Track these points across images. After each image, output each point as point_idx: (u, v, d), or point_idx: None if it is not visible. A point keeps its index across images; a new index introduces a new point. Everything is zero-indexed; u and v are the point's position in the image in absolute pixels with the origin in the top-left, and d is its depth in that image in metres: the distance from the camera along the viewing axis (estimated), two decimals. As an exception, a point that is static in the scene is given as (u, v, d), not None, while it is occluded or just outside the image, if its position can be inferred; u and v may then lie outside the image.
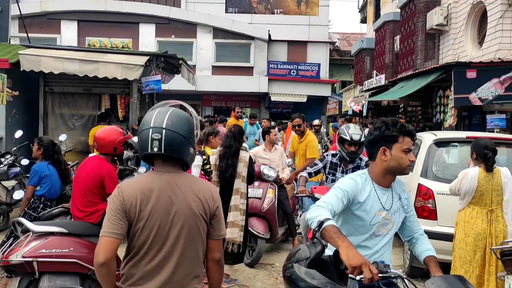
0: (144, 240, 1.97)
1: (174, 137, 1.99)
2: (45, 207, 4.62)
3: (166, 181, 2.01)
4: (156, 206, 1.97)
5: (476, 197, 3.96)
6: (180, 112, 2.09)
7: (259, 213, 5.61)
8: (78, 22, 19.38)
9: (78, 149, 8.07)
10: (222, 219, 2.12)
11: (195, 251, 2.04)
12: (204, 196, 2.05)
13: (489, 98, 8.50)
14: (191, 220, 2.00)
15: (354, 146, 4.41)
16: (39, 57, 7.26)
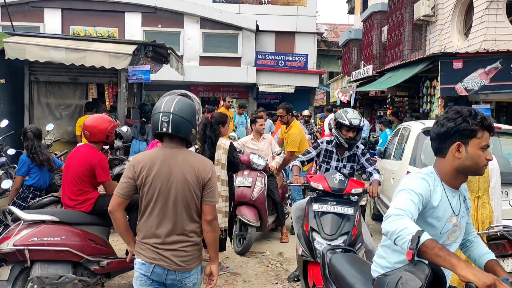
0: (149, 200, 2.49)
1: (179, 120, 2.48)
2: (35, 197, 4.57)
3: (168, 154, 2.52)
4: (158, 174, 2.47)
5: None
6: (185, 100, 2.59)
7: (248, 202, 5.66)
8: (62, 10, 19.01)
9: (65, 139, 7.97)
10: (213, 188, 2.55)
11: (189, 212, 2.51)
12: (197, 168, 2.51)
13: (475, 88, 8.63)
14: (185, 187, 2.48)
15: (352, 131, 4.19)
16: (24, 45, 7.13)
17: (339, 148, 4.37)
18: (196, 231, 2.55)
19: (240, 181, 5.75)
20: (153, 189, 2.47)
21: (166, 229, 2.47)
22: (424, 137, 5.23)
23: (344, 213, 3.77)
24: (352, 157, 4.38)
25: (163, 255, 2.46)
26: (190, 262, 2.50)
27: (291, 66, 20.49)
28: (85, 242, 3.76)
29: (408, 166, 5.14)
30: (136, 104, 9.83)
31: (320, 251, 3.51)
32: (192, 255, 2.52)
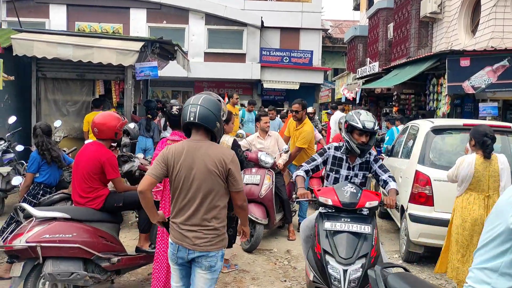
0: (176, 187, 2.81)
1: (205, 111, 2.77)
2: (45, 194, 4.59)
3: (192, 146, 2.80)
4: (183, 163, 2.77)
5: (473, 183, 4.03)
6: (211, 96, 2.88)
7: (256, 199, 5.66)
8: (67, 6, 19.02)
9: (72, 135, 7.98)
10: (236, 177, 2.80)
11: (211, 199, 2.76)
12: (218, 158, 2.76)
13: (482, 86, 8.59)
14: (207, 176, 2.74)
15: (365, 135, 3.66)
16: (32, 41, 7.13)
17: (349, 155, 3.83)
18: (217, 216, 2.80)
19: (248, 179, 5.74)
20: (179, 178, 2.78)
21: (188, 213, 2.77)
22: (433, 135, 5.21)
23: (361, 232, 3.36)
24: (364, 165, 3.85)
25: (185, 235, 2.77)
26: (208, 244, 2.76)
27: (296, 62, 20.44)
28: (96, 239, 3.78)
29: (417, 164, 5.13)
30: (142, 100, 9.84)
31: (335, 276, 3.21)
32: (210, 239, 2.77)
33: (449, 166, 4.79)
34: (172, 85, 20.78)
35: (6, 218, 4.79)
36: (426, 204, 4.92)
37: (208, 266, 2.78)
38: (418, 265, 5.30)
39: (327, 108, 21.24)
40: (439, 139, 5.25)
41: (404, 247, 5.31)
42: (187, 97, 21.65)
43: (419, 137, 5.43)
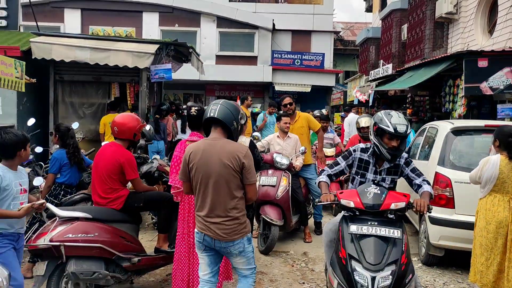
0: (196, 182, 3.08)
1: (225, 109, 3.06)
2: (66, 194, 4.63)
3: (209, 144, 3.07)
4: (200, 160, 3.03)
5: (497, 185, 3.97)
6: (232, 102, 3.23)
7: (272, 201, 5.63)
8: (81, 10, 19.26)
9: (88, 137, 8.06)
10: (250, 170, 3.02)
11: (229, 191, 3.00)
12: (232, 154, 2.98)
13: (500, 87, 8.46)
14: (223, 170, 2.97)
15: (396, 139, 3.32)
16: (50, 45, 7.22)
17: (378, 159, 3.53)
18: (236, 207, 3.03)
19: (265, 180, 5.72)
20: (198, 174, 3.04)
21: (209, 206, 3.01)
22: (453, 137, 5.15)
23: (390, 236, 3.14)
24: (393, 168, 3.53)
25: (209, 227, 3.02)
26: (231, 234, 3.00)
27: (308, 65, 20.41)
28: (117, 239, 3.80)
29: (436, 166, 5.07)
30: (156, 102, 9.89)
31: (362, 284, 3.01)
32: (233, 228, 3.00)
33: (470, 168, 4.73)
34: (184, 88, 20.88)
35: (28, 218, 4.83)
36: (447, 206, 4.86)
37: (238, 253, 3.06)
38: (438, 268, 5.23)
39: (338, 111, 21.17)
40: (460, 140, 5.18)
41: (424, 250, 5.25)
42: (198, 100, 21.75)
43: (438, 138, 5.37)
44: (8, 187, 3.12)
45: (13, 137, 3.17)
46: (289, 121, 6.17)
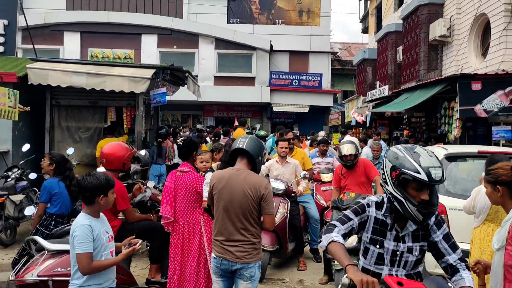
0: (217, 208, 3.28)
1: (253, 143, 3.36)
2: (57, 224, 4.59)
3: (234, 173, 3.29)
4: (224, 189, 3.25)
5: (491, 214, 3.94)
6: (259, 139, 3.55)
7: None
8: (80, 33, 19.48)
9: (84, 162, 8.04)
10: (269, 201, 3.24)
11: (248, 219, 3.21)
12: (254, 185, 3.20)
13: (495, 110, 8.51)
14: (244, 200, 3.19)
15: (426, 189, 2.32)
16: (47, 70, 7.27)
17: (398, 219, 2.44)
18: (253, 233, 3.25)
19: None
20: (220, 200, 3.26)
21: (229, 230, 3.23)
22: (447, 163, 5.14)
23: None
24: (421, 231, 2.45)
25: (227, 249, 3.21)
26: (248, 257, 3.21)
27: (305, 85, 20.56)
28: (107, 271, 3.74)
29: (431, 192, 5.04)
30: (153, 126, 9.92)
31: None
32: (250, 252, 3.22)
33: (464, 195, 4.71)
34: (182, 109, 20.98)
35: (18, 247, 4.79)
36: (442, 234, 4.81)
37: (249, 277, 3.22)
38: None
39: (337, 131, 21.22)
40: (453, 166, 5.18)
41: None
42: (197, 121, 21.84)
43: (432, 164, 5.35)
44: (98, 237, 2.84)
45: (94, 181, 2.87)
46: (286, 146, 6.07)
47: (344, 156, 5.80)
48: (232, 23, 21.46)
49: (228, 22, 21.35)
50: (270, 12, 21.80)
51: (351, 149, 5.77)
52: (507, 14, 9.60)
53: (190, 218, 4.11)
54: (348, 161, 5.79)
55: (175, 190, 4.15)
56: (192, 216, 4.10)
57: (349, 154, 5.77)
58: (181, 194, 4.12)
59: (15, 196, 6.45)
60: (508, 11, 9.59)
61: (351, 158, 5.76)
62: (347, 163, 5.81)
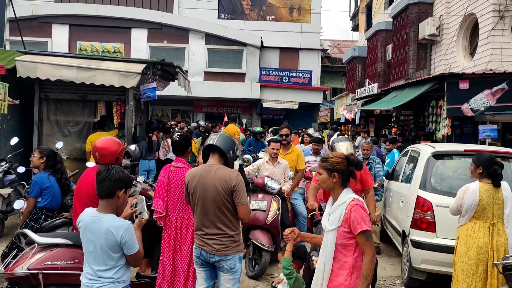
0: (193, 204, 3.45)
1: (223, 140, 3.47)
2: (47, 218, 4.56)
3: (205, 169, 3.42)
4: (197, 185, 3.38)
5: (478, 211, 4.02)
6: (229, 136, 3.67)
7: (263, 226, 5.54)
8: (69, 26, 19.28)
9: (73, 156, 7.98)
10: (240, 192, 3.31)
11: (223, 212, 3.33)
12: (224, 178, 3.32)
13: (481, 109, 8.65)
14: (216, 194, 3.31)
15: None
16: (36, 63, 7.19)
17: None
18: (230, 226, 3.35)
19: (255, 204, 5.61)
20: (195, 196, 3.40)
21: (206, 225, 3.36)
22: (435, 161, 5.23)
23: None
24: None
25: (206, 242, 3.35)
26: (226, 249, 3.32)
27: (295, 82, 20.64)
28: (97, 265, 3.74)
29: (418, 190, 5.13)
30: (143, 121, 9.88)
31: None
32: (227, 244, 3.33)
33: (450, 192, 4.81)
34: (172, 104, 20.91)
35: (6, 241, 4.76)
36: (428, 230, 4.91)
37: (228, 269, 3.34)
38: (420, 291, 5.25)
39: (326, 128, 21.32)
40: (441, 164, 5.27)
41: (407, 273, 5.28)
42: (186, 116, 21.80)
43: (420, 161, 5.45)
44: None
45: (121, 174, 2.74)
46: (277, 147, 6.01)
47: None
48: (223, 18, 21.42)
49: (218, 18, 21.31)
50: (261, 8, 21.80)
51: (351, 149, 4.91)
52: (495, 15, 9.73)
53: (183, 213, 4.12)
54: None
55: (169, 185, 4.16)
56: (185, 211, 4.11)
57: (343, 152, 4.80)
58: (175, 189, 4.13)
59: (3, 190, 6.39)
60: (496, 12, 9.72)
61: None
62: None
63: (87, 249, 2.74)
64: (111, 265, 2.70)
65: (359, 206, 2.70)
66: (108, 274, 2.69)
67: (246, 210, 3.38)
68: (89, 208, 2.83)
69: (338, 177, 2.80)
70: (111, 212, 2.74)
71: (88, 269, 2.74)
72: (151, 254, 4.52)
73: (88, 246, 2.72)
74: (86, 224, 2.73)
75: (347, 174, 2.82)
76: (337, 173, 2.80)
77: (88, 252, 2.73)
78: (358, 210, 2.68)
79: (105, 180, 2.71)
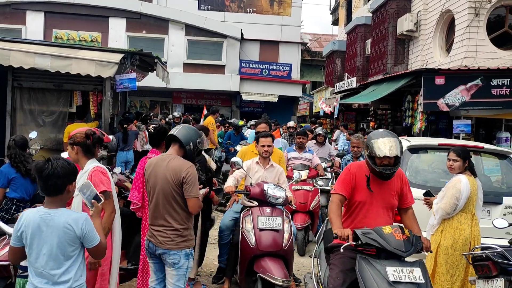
0: (148, 192, 3.41)
1: (185, 131, 3.39)
2: (18, 209, 4.46)
3: (160, 159, 3.38)
4: (151, 174, 3.35)
5: (466, 204, 4.12)
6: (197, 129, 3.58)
7: (278, 252, 4.07)
8: (44, 13, 18.75)
9: (48, 146, 7.81)
10: (191, 184, 3.21)
11: (171, 204, 3.26)
12: (174, 170, 3.24)
13: (456, 104, 8.85)
14: (166, 185, 3.25)
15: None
16: (8, 51, 6.95)
17: None
18: (177, 219, 3.26)
19: (265, 222, 4.13)
20: (148, 186, 3.38)
21: (155, 215, 3.31)
22: (410, 154, 5.32)
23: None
24: None
25: (153, 234, 3.30)
26: (170, 243, 3.24)
27: (275, 75, 20.64)
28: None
29: (393, 182, 5.20)
30: (120, 112, 9.73)
31: None
32: (172, 238, 3.24)
33: (424, 185, 4.90)
34: (151, 95, 20.66)
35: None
36: (402, 222, 4.98)
37: (171, 263, 3.24)
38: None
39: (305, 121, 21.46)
40: (415, 157, 5.36)
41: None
42: (165, 107, 21.58)
43: (396, 155, 5.53)
44: None
45: (66, 166, 2.46)
46: (269, 143, 4.69)
47: (385, 158, 3.16)
48: (203, 9, 21.20)
49: (199, 9, 21.09)
50: (242, 1, 21.67)
51: (396, 148, 3.18)
52: (471, 12, 9.94)
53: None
54: (387, 168, 3.18)
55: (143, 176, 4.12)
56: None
57: (393, 156, 3.16)
58: (149, 180, 4.09)
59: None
60: (472, 9, 9.92)
61: (393, 163, 3.18)
62: (386, 172, 3.20)
63: (39, 254, 2.40)
64: (68, 265, 2.44)
65: (99, 171, 3.16)
66: (66, 277, 2.43)
67: (196, 204, 3.26)
68: (29, 210, 2.53)
69: (78, 149, 3.22)
70: (62, 206, 2.48)
71: (38, 279, 2.42)
72: (127, 245, 4.48)
73: (40, 250, 2.40)
74: (35, 226, 2.41)
75: (87, 147, 3.23)
76: (76, 146, 3.22)
77: (41, 256, 2.40)
78: (97, 174, 3.13)
79: (51, 177, 2.41)
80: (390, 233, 2.89)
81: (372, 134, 3.32)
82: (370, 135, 3.31)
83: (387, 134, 3.26)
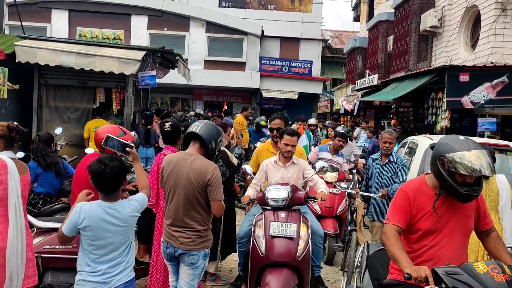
0: (166, 192, 3.27)
1: (207, 128, 3.25)
2: (45, 203, 4.60)
3: (182, 158, 3.23)
4: (171, 173, 3.21)
5: None
6: (217, 126, 3.42)
7: (292, 263, 3.68)
8: (69, 11, 19.13)
9: (72, 142, 7.98)
10: (215, 187, 3.12)
11: (193, 206, 3.15)
12: (199, 171, 3.12)
13: (481, 102, 8.65)
14: (189, 186, 3.14)
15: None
16: (35, 49, 7.15)
17: None
18: (199, 220, 3.18)
19: (278, 229, 3.74)
20: (168, 184, 3.23)
21: (175, 216, 3.19)
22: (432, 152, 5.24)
23: None
24: None
25: (172, 234, 3.20)
26: (191, 244, 3.16)
27: (295, 72, 20.56)
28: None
29: (415, 180, 5.14)
30: (142, 108, 9.88)
31: None
32: (193, 239, 3.16)
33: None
34: (171, 92, 20.87)
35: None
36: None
37: (190, 263, 3.18)
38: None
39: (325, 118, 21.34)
40: (438, 155, 5.27)
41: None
42: (185, 104, 21.76)
43: (418, 153, 5.47)
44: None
45: (121, 166, 2.68)
46: (293, 143, 4.25)
47: (472, 172, 2.37)
48: (224, 7, 21.26)
49: (219, 6, 21.16)
50: (262, -3, 21.64)
51: (492, 163, 2.47)
52: (498, 7, 9.69)
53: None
54: (474, 189, 2.44)
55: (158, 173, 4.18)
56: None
57: (478, 169, 2.36)
58: (163, 177, 4.13)
59: (2, 175, 6.39)
60: (498, 4, 9.67)
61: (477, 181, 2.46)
62: (473, 193, 2.44)
63: (104, 243, 2.63)
64: (126, 245, 2.77)
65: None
66: (126, 258, 2.75)
67: (219, 206, 3.18)
68: (87, 205, 2.66)
69: (1, 142, 3.17)
70: (119, 199, 2.74)
71: (102, 265, 2.65)
72: (148, 240, 4.55)
73: (106, 241, 2.64)
74: (100, 220, 2.62)
75: (9, 139, 3.18)
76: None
77: (106, 245, 2.64)
78: None
79: (110, 179, 2.61)
80: (486, 273, 2.12)
81: (451, 142, 2.45)
82: (446, 144, 2.46)
83: (476, 145, 2.42)
